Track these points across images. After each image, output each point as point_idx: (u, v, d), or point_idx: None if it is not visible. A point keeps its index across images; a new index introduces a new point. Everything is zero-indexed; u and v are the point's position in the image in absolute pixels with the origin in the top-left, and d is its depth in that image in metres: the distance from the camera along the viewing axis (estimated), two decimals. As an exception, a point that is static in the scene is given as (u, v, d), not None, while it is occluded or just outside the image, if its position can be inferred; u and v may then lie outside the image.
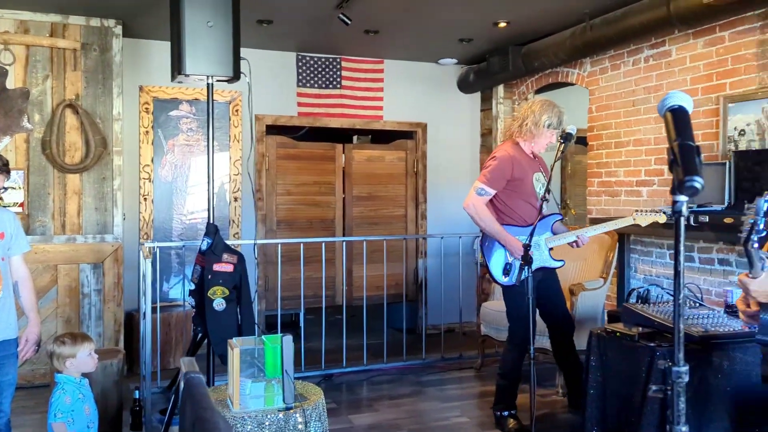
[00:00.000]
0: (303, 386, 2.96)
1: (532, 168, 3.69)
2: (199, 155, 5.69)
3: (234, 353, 2.74)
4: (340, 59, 6.14)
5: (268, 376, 2.80)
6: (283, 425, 2.59)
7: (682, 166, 1.20)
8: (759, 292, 1.79)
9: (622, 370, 2.66)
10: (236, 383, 2.69)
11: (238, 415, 2.58)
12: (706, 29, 4.26)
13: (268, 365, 2.83)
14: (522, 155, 3.71)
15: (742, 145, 4.02)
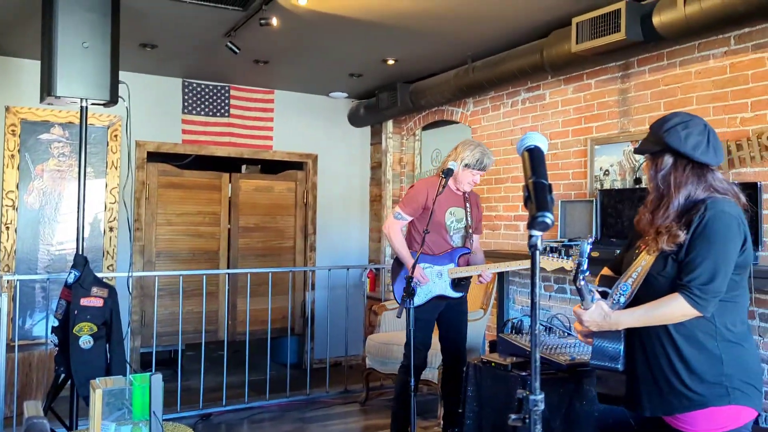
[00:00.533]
0: (173, 428, 2.80)
1: (450, 202, 3.80)
2: (72, 181, 5.34)
3: (96, 395, 2.54)
4: (229, 87, 6.03)
5: (136, 418, 2.61)
6: (148, 471, 2.41)
7: (534, 203, 1.25)
8: (590, 322, 1.96)
9: (497, 399, 2.73)
10: (97, 427, 2.48)
11: (98, 462, 2.38)
12: (575, 76, 4.59)
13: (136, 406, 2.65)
14: (435, 187, 3.77)
15: (606, 185, 4.33)
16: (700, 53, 3.78)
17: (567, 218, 4.52)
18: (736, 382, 1.86)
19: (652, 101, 4.06)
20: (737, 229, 1.87)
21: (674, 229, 1.87)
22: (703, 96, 3.75)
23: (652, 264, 1.93)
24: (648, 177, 2.02)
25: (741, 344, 1.91)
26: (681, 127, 1.93)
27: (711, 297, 1.84)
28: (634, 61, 4.17)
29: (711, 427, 1.86)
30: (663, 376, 1.91)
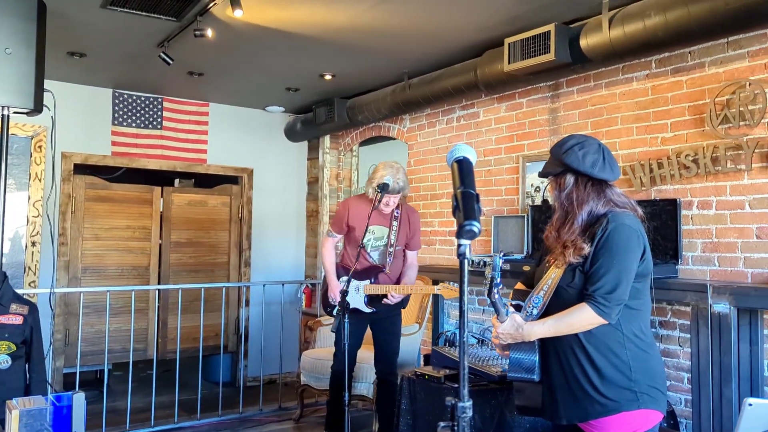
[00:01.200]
0: (95, 451, 2.66)
1: (374, 221, 3.84)
2: (-10, 193, 5.05)
3: (12, 416, 2.39)
4: (162, 99, 5.89)
5: (54, 441, 2.48)
6: (66, 497, 2.29)
7: (462, 212, 1.27)
8: (505, 334, 2.03)
9: (430, 411, 2.73)
10: (10, 452, 2.34)
11: (10, 489, 2.24)
12: (507, 95, 4.72)
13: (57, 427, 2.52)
14: (365, 207, 3.86)
15: (538, 200, 4.45)
16: (624, 75, 3.96)
17: (500, 233, 4.61)
18: (644, 387, 1.96)
19: (580, 120, 4.22)
20: (636, 240, 2.00)
21: (579, 243, 1.98)
22: (627, 116, 3.92)
23: (561, 276, 2.03)
24: (553, 197, 2.13)
25: (647, 351, 2.02)
26: (578, 148, 2.05)
27: (614, 305, 1.95)
28: (563, 82, 4.32)
29: (624, 431, 1.95)
30: (577, 384, 1.99)
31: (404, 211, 3.95)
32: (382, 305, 3.79)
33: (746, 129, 3.34)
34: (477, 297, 4.86)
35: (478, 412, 2.62)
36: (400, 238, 3.88)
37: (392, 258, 3.84)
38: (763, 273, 3.25)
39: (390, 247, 3.84)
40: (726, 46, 3.45)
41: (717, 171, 3.46)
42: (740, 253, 3.36)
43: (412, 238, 3.94)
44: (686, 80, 3.64)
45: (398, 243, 3.87)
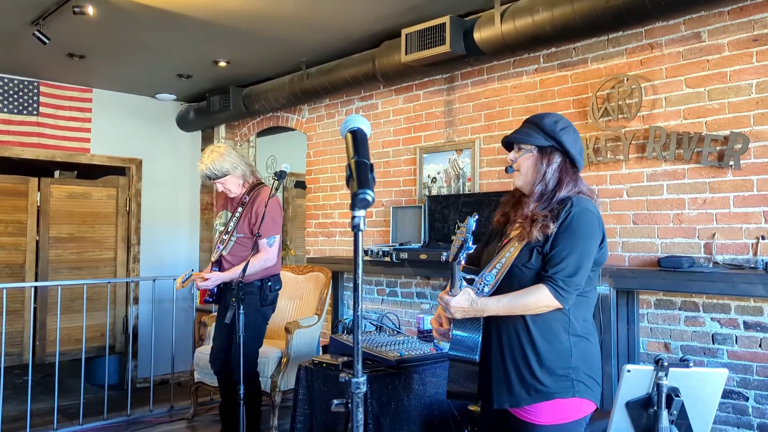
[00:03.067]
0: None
1: (226, 206, 3.77)
2: None
3: None
4: (39, 83, 5.46)
5: None
6: None
7: (356, 181, 1.24)
8: (456, 308, 1.94)
9: (328, 399, 2.70)
10: None
11: None
12: (405, 87, 4.77)
13: None
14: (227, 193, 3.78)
15: (434, 191, 4.53)
16: (515, 69, 4.11)
17: (398, 223, 4.65)
18: (581, 376, 1.94)
19: (474, 112, 4.33)
20: (598, 226, 1.98)
21: (547, 219, 1.93)
22: (518, 109, 4.07)
23: (517, 255, 1.97)
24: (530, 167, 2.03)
25: (588, 338, 2.00)
26: (572, 130, 2.05)
27: (573, 290, 1.91)
28: (458, 74, 4.42)
29: (555, 418, 1.91)
30: (515, 368, 1.94)
31: (254, 196, 3.70)
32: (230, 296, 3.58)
33: (624, 122, 3.56)
34: (375, 287, 4.87)
35: (376, 397, 2.62)
36: (242, 224, 3.64)
37: (225, 245, 3.62)
38: (639, 256, 3.48)
39: (225, 235, 3.67)
40: (606, 43, 3.66)
41: (599, 161, 3.66)
42: (619, 238, 3.57)
43: (255, 224, 3.59)
44: (571, 75, 3.83)
45: (238, 230, 3.64)
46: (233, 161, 3.63)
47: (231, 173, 3.61)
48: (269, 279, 3.67)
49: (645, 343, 3.42)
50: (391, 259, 4.22)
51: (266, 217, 3.54)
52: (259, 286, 3.63)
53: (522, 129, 2.10)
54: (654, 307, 3.40)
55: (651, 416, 1.66)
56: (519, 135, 2.07)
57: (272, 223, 3.59)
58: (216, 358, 3.77)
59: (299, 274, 4.97)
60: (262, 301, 3.64)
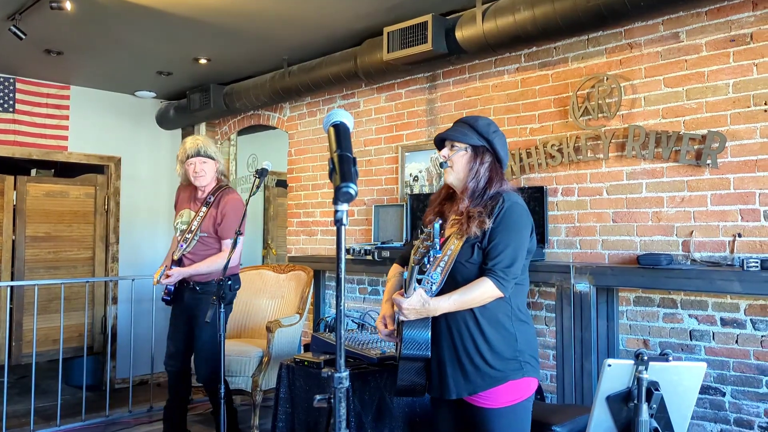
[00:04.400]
0: (-71, 462, 2.35)
1: (187, 204, 3.73)
2: None
3: None
4: (15, 80, 5.37)
5: None
6: None
7: (339, 174, 1.24)
8: (410, 309, 2.03)
9: (310, 398, 2.68)
10: None
11: None
12: (387, 85, 4.77)
13: None
14: (189, 191, 3.77)
15: (416, 189, 4.54)
16: (496, 68, 4.13)
17: (380, 222, 4.65)
18: (527, 357, 2.09)
19: (456, 111, 4.34)
20: (528, 218, 2.14)
21: (483, 215, 2.05)
22: (499, 107, 4.08)
23: (458, 252, 2.08)
24: (463, 165, 2.16)
25: (527, 322, 2.16)
26: (502, 134, 2.22)
27: (511, 278, 2.06)
28: (440, 73, 4.43)
29: (509, 399, 2.04)
30: (468, 358, 2.05)
31: (219, 196, 3.68)
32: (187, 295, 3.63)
33: (604, 120, 3.59)
34: (357, 285, 4.86)
35: (358, 395, 2.61)
36: (205, 223, 3.62)
37: (188, 244, 3.60)
38: (618, 254, 3.51)
39: (189, 233, 3.63)
40: (587, 43, 3.69)
41: (579, 160, 3.69)
42: (599, 236, 3.61)
43: (221, 224, 3.61)
44: (552, 74, 3.85)
45: (202, 229, 3.62)
46: (218, 153, 3.75)
47: (215, 160, 3.69)
48: (229, 278, 3.59)
49: (624, 340, 3.45)
50: (373, 257, 4.21)
51: (232, 217, 3.60)
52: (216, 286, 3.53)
53: (456, 127, 2.24)
54: (633, 304, 3.44)
55: (631, 410, 1.68)
56: (455, 133, 2.21)
57: (237, 223, 3.57)
58: (173, 358, 3.72)
59: (280, 273, 4.94)
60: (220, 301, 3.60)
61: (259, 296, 4.90)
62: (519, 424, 2.06)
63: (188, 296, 3.64)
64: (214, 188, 3.71)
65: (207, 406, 4.93)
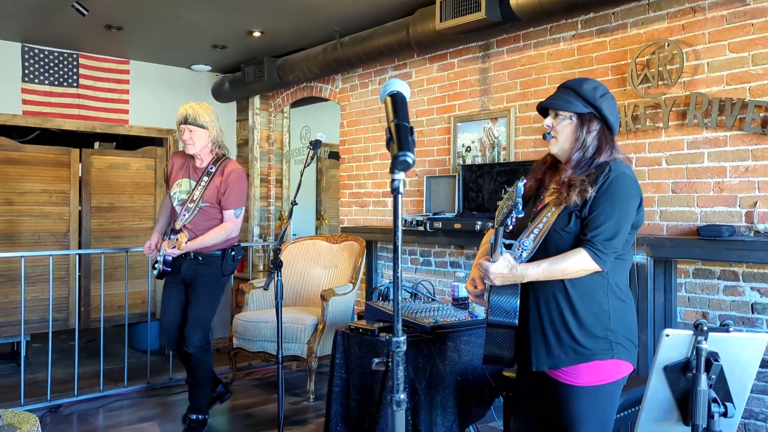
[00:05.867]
0: (14, 415, 2.54)
1: (186, 174, 3.66)
2: None
3: None
4: (78, 55, 5.56)
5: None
6: (-19, 462, 2.17)
7: (396, 143, 1.26)
8: (496, 275, 1.94)
9: (364, 364, 2.75)
10: None
11: None
12: (439, 55, 4.72)
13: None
14: (185, 159, 3.71)
15: (468, 160, 4.51)
16: (551, 36, 4.03)
17: (432, 193, 4.65)
18: (620, 338, 1.96)
19: (510, 80, 4.28)
20: (636, 190, 1.98)
21: (585, 183, 1.93)
22: (554, 76, 4.00)
23: (555, 220, 1.97)
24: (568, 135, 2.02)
25: (626, 301, 2.01)
26: (611, 97, 2.04)
27: (611, 252, 1.92)
28: (493, 42, 4.36)
29: (594, 379, 1.93)
30: (553, 331, 1.96)
31: (222, 166, 3.61)
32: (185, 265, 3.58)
33: (664, 88, 3.48)
34: (408, 256, 4.90)
35: (411, 363, 2.66)
36: (208, 193, 3.54)
37: (190, 213, 3.52)
38: (677, 225, 3.43)
39: (191, 202, 3.54)
40: (647, 8, 3.56)
41: (637, 129, 3.59)
42: (657, 207, 3.52)
43: (224, 194, 3.54)
44: (609, 41, 3.74)
45: (204, 199, 3.54)
46: (212, 121, 3.59)
47: (206, 129, 3.55)
48: (232, 249, 3.65)
49: (682, 313, 3.39)
50: (425, 228, 4.24)
51: (236, 188, 3.56)
52: (220, 256, 3.59)
53: (559, 95, 2.06)
54: (692, 277, 3.36)
55: (689, 380, 1.66)
56: (557, 101, 2.05)
57: (240, 194, 3.60)
58: (168, 333, 3.67)
59: (334, 243, 5.03)
60: (222, 271, 3.62)
61: (314, 266, 5.00)
62: (599, 407, 1.94)
63: (187, 267, 3.57)
64: (215, 158, 3.63)
65: (266, 371, 5.11)
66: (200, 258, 3.54)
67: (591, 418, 1.93)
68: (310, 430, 3.79)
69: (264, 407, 4.22)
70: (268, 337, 4.38)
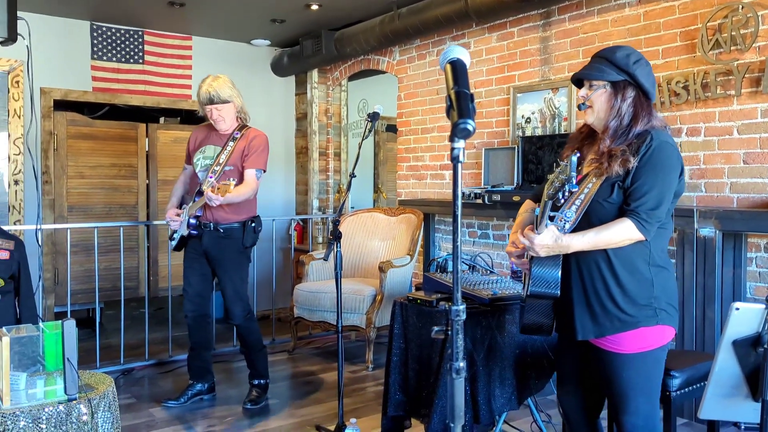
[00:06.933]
0: (91, 376, 2.69)
1: (207, 141, 3.69)
2: (-30, 131, 4.95)
3: (2, 343, 2.40)
4: (143, 32, 5.72)
5: (49, 369, 2.49)
6: (64, 418, 2.32)
7: (456, 111, 1.25)
8: (541, 246, 1.95)
9: (422, 334, 2.77)
10: (5, 377, 2.36)
11: (8, 411, 2.27)
12: (498, 24, 4.62)
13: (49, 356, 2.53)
14: (207, 131, 3.74)
15: (528, 132, 4.43)
16: (616, 2, 3.88)
17: (490, 165, 4.60)
18: (663, 304, 1.97)
19: (572, 49, 4.15)
20: (677, 159, 1.97)
21: (627, 153, 1.93)
22: (618, 44, 3.85)
23: (597, 191, 1.98)
24: (603, 104, 2.01)
25: (667, 268, 2.03)
26: (645, 63, 2.02)
27: (655, 222, 1.93)
28: (555, 9, 4.23)
29: (639, 346, 1.96)
30: (597, 300, 1.98)
31: (247, 133, 3.65)
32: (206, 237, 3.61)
33: (737, 54, 3.30)
34: (467, 229, 4.88)
35: (470, 334, 2.66)
36: (233, 157, 3.57)
37: (216, 176, 3.51)
38: (749, 197, 3.28)
39: (217, 166, 3.55)
40: (722, -33, 3.37)
41: (707, 97, 3.44)
42: (726, 178, 3.37)
43: (248, 155, 3.58)
44: (678, 5, 3.57)
45: (229, 163, 3.56)
46: (233, 92, 3.62)
47: (231, 102, 3.59)
48: (252, 220, 3.68)
49: (752, 288, 3.26)
50: (483, 201, 4.20)
51: (259, 151, 3.59)
52: (240, 228, 3.63)
53: (592, 65, 2.07)
54: (764, 251, 3.22)
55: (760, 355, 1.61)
56: (590, 71, 2.05)
57: (262, 157, 3.63)
58: (192, 302, 3.72)
59: (391, 216, 5.05)
60: (244, 243, 3.64)
61: (372, 238, 5.05)
62: (647, 373, 1.98)
63: (208, 239, 3.60)
64: (239, 126, 3.68)
65: (326, 341, 5.23)
66: (221, 230, 3.57)
67: (640, 385, 1.97)
68: (369, 398, 3.87)
69: (324, 375, 4.33)
70: (328, 307, 4.47)
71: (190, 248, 3.71)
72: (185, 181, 3.84)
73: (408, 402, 2.84)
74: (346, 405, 3.62)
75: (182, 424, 3.46)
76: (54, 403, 2.36)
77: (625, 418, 2.00)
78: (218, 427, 3.42)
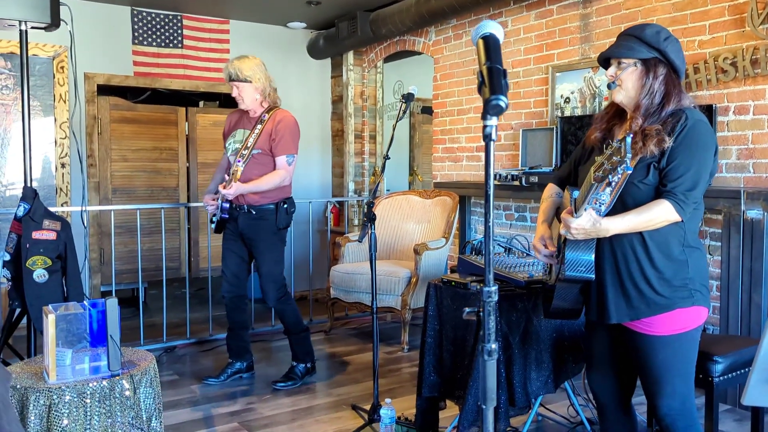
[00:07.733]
0: (133, 352, 2.77)
1: (238, 125, 3.73)
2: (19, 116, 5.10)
3: (49, 320, 2.48)
4: (182, 17, 5.78)
5: (93, 345, 2.57)
6: (107, 393, 2.39)
7: (488, 87, 1.22)
8: (579, 230, 1.91)
9: (456, 316, 2.76)
10: (52, 353, 2.44)
11: (55, 386, 2.35)
12: (537, 2, 4.51)
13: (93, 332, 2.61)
14: (240, 115, 3.78)
15: (567, 112, 4.33)
16: (661, -26, 3.74)
17: (528, 147, 4.52)
18: (697, 285, 1.95)
19: (613, 26, 4.03)
20: (712, 138, 1.94)
21: (662, 133, 1.89)
22: (662, 20, 3.72)
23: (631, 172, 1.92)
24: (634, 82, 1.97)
25: (699, 248, 2.00)
26: (675, 40, 1.98)
27: (692, 203, 1.90)
28: (596, -16, 4.11)
29: (674, 327, 1.94)
30: (632, 283, 1.96)
31: (274, 115, 3.65)
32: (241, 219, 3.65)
33: (791, 27, 3.15)
34: (503, 212, 4.83)
35: (504, 317, 2.64)
36: (261, 141, 3.58)
37: (244, 160, 3.51)
38: (802, 178, 3.15)
39: (245, 149, 3.56)
40: (774, -64, 3.21)
41: (756, 74, 3.30)
42: (778, 158, 3.24)
43: (275, 141, 3.57)
44: (729, -24, 3.42)
45: (257, 146, 3.57)
46: (256, 74, 3.61)
47: (251, 82, 3.58)
48: (284, 201, 3.68)
49: (802, 273, 3.14)
50: (521, 183, 4.14)
51: (287, 134, 3.58)
52: (273, 210, 3.64)
53: (621, 42, 2.01)
54: (815, 234, 3.09)
55: (806, 341, 1.54)
56: (619, 49, 2.00)
57: (291, 141, 3.61)
58: (231, 283, 3.78)
59: (427, 198, 5.03)
60: (278, 224, 3.66)
61: (407, 220, 5.04)
62: (684, 354, 1.96)
63: (243, 220, 3.65)
64: (267, 108, 3.67)
65: (361, 321, 5.27)
66: (254, 212, 3.61)
67: (676, 366, 1.96)
68: (404, 378, 3.88)
69: (360, 355, 4.36)
70: (363, 289, 4.50)
71: (228, 230, 3.78)
72: (224, 165, 3.89)
73: (442, 383, 2.84)
74: (382, 385, 3.65)
75: (222, 401, 3.54)
76: (98, 378, 2.44)
77: (662, 401, 1.98)
78: (257, 405, 3.49)
